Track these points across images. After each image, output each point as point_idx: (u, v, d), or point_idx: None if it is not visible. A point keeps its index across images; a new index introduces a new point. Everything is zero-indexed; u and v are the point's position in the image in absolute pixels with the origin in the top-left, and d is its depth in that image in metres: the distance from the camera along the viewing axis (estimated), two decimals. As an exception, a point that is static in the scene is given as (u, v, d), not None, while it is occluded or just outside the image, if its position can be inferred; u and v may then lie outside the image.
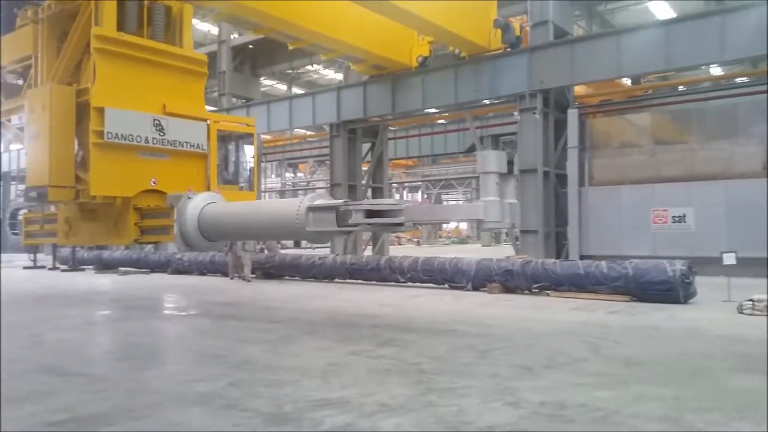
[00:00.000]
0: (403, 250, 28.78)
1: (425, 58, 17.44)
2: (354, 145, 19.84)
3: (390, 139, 24.66)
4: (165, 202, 8.80)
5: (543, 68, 15.58)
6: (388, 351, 6.06)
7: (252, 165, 11.08)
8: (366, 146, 20.79)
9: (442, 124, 29.95)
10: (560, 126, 15.91)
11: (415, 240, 42.44)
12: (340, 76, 28.98)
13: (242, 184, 10.77)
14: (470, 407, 4.09)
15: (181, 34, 9.89)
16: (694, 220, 13.62)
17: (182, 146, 9.31)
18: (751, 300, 8.12)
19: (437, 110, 20.40)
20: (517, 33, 16.24)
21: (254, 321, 8.55)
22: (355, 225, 6.62)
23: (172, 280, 15.31)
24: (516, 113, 16.74)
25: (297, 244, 26.74)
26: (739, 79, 19.70)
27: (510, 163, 6.62)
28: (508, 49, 16.25)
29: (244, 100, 23.57)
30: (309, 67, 31.09)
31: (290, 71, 29.96)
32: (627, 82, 19.96)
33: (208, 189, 9.53)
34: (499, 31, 16.01)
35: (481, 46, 16.08)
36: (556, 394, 4.39)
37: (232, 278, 14.70)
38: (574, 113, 15.51)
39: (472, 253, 20.35)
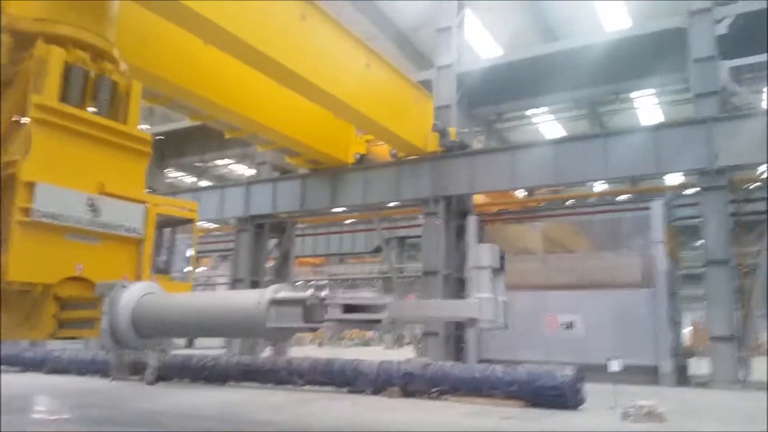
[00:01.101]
0: (304, 350, 27.99)
1: (362, 156, 17.79)
2: (260, 240, 19.65)
3: (298, 236, 24.68)
4: (90, 292, 7.84)
5: (446, 176, 16.49)
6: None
7: (191, 254, 10.16)
8: (273, 242, 20.65)
9: (350, 223, 30.46)
10: (461, 231, 16.64)
11: (318, 341, 41.50)
12: (251, 172, 29.15)
13: (175, 274, 9.87)
14: None
15: (127, 111, 9.14)
16: (582, 327, 14.33)
17: (116, 230, 8.40)
18: (633, 406, 8.48)
19: (346, 210, 20.82)
20: (453, 138, 16.94)
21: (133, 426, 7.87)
22: (329, 320, 5.92)
23: (47, 379, 13.94)
24: (420, 216, 17.37)
25: (190, 343, 25.34)
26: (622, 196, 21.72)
27: (501, 258, 6.19)
28: (444, 152, 16.85)
29: (149, 190, 22.98)
30: (218, 162, 31.06)
31: (200, 164, 29.77)
32: (522, 193, 21.42)
33: (140, 278, 8.59)
34: (436, 135, 16.64)
35: (418, 148, 16.60)
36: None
37: (112, 380, 13.42)
38: (474, 220, 16.32)
39: (375, 356, 20.12)
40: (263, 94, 13.94)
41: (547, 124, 26.16)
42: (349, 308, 5.91)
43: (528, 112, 24.47)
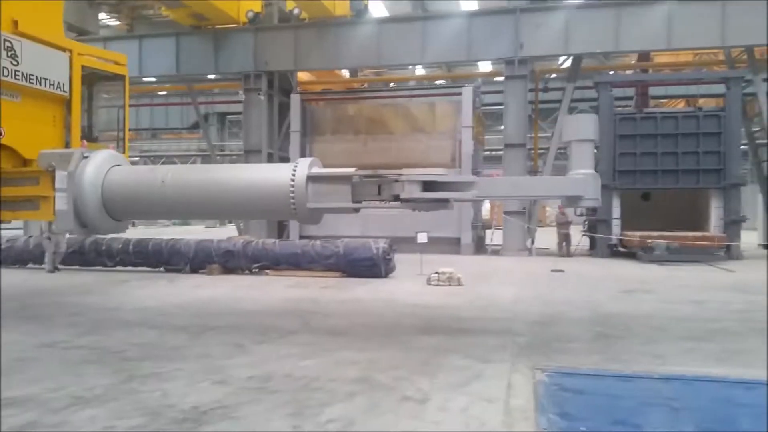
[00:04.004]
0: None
1: (256, 14, 15.95)
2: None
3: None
4: (20, 163, 6.37)
5: (269, 50, 15.78)
6: (87, 340, 5.53)
7: (123, 117, 8.31)
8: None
9: (162, 95, 28.13)
10: (284, 109, 16.32)
11: (131, 222, 39.28)
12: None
13: (107, 142, 7.93)
14: (175, 390, 3.99)
15: None
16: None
17: (40, 84, 6.70)
18: (437, 272, 9.48)
19: (156, 80, 19.13)
20: (365, 2, 16.03)
21: None
22: (406, 200, 5.18)
23: None
24: (241, 92, 16.65)
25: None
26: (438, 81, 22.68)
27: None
28: (354, 17, 15.94)
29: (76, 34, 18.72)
30: None
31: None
32: (346, 74, 21.38)
33: (67, 146, 7.04)
34: None
35: (327, 10, 15.30)
36: (264, 368, 4.54)
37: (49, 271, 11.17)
38: (297, 98, 16.05)
39: (196, 235, 19.69)
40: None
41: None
42: (427, 186, 5.17)
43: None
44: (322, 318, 6.71)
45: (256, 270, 10.68)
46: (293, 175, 5.31)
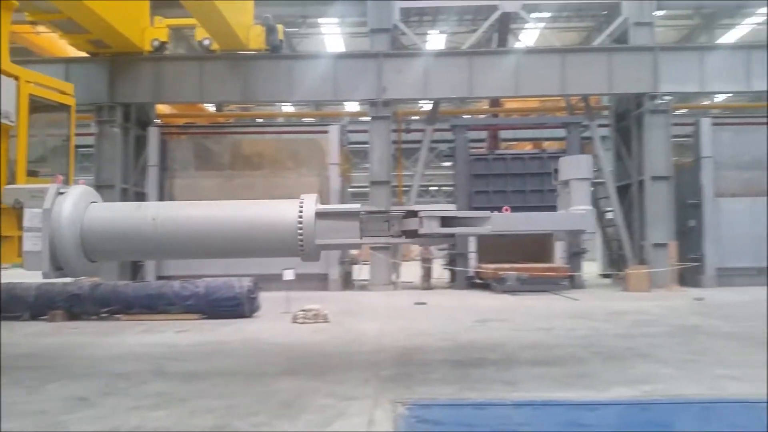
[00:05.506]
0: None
1: (162, 43, 14.94)
2: None
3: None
4: None
5: (126, 81, 15.04)
6: None
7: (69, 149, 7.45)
8: None
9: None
10: (143, 143, 15.52)
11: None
12: None
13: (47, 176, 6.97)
14: (0, 455, 3.54)
15: None
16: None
17: None
18: (303, 310, 9.37)
19: None
20: (281, 37, 15.39)
21: None
22: (425, 235, 5.35)
23: None
24: (92, 124, 15.57)
25: None
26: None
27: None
28: (269, 51, 15.30)
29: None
30: None
31: None
32: (211, 108, 20.86)
33: (13, 181, 6.07)
34: (261, 29, 14.92)
35: (240, 43, 14.60)
36: (109, 422, 4.19)
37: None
38: (155, 131, 15.35)
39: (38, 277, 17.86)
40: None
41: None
42: (445, 222, 5.38)
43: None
44: (178, 364, 6.33)
45: (106, 315, 9.87)
46: (301, 211, 5.29)
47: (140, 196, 15.23)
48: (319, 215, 5.32)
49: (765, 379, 5.25)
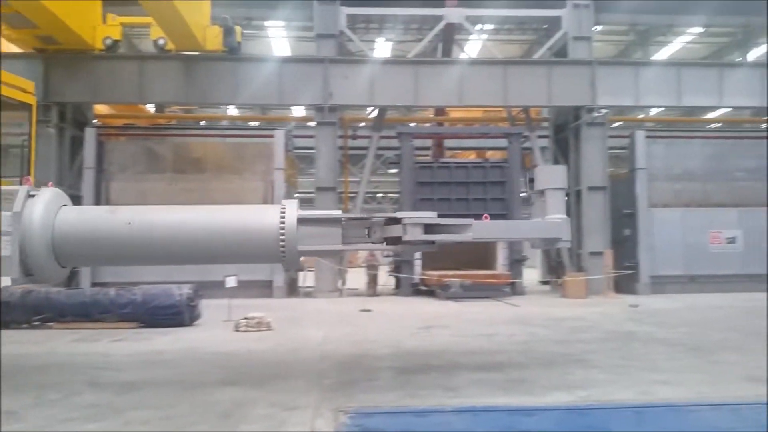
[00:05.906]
0: None
1: (115, 42, 14.41)
2: None
3: None
4: None
5: (66, 80, 14.50)
6: None
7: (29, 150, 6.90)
8: None
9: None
10: (79, 144, 14.95)
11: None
12: None
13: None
14: None
15: None
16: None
17: None
18: (245, 318, 9.21)
19: None
20: (239, 39, 15.01)
21: None
22: (408, 242, 5.38)
23: None
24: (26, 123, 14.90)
25: None
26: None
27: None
28: (226, 53, 14.93)
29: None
30: None
31: None
32: (152, 109, 20.29)
33: None
34: (218, 30, 14.55)
35: (197, 43, 14.21)
36: (36, 437, 4.00)
37: None
38: (92, 132, 14.82)
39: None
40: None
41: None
42: (428, 229, 5.45)
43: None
44: (112, 374, 6.11)
45: (37, 323, 9.42)
46: (283, 217, 5.20)
47: (75, 199, 14.54)
48: (301, 221, 5.28)
49: (693, 384, 5.53)
